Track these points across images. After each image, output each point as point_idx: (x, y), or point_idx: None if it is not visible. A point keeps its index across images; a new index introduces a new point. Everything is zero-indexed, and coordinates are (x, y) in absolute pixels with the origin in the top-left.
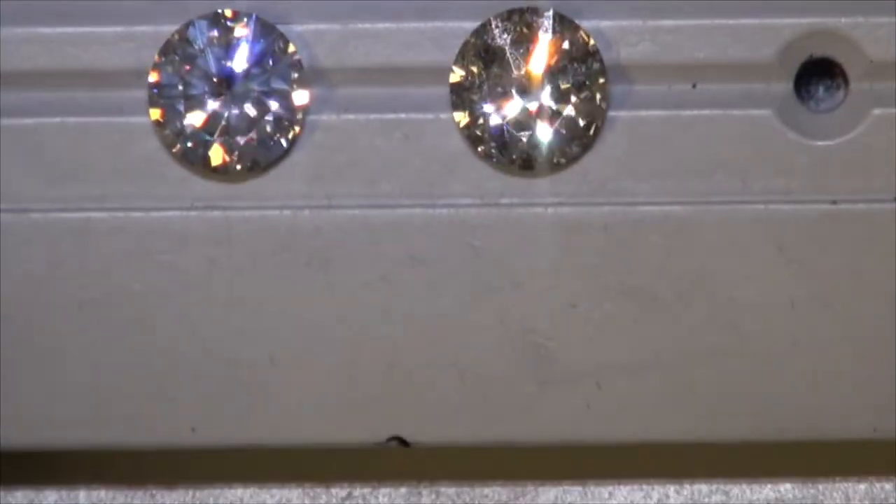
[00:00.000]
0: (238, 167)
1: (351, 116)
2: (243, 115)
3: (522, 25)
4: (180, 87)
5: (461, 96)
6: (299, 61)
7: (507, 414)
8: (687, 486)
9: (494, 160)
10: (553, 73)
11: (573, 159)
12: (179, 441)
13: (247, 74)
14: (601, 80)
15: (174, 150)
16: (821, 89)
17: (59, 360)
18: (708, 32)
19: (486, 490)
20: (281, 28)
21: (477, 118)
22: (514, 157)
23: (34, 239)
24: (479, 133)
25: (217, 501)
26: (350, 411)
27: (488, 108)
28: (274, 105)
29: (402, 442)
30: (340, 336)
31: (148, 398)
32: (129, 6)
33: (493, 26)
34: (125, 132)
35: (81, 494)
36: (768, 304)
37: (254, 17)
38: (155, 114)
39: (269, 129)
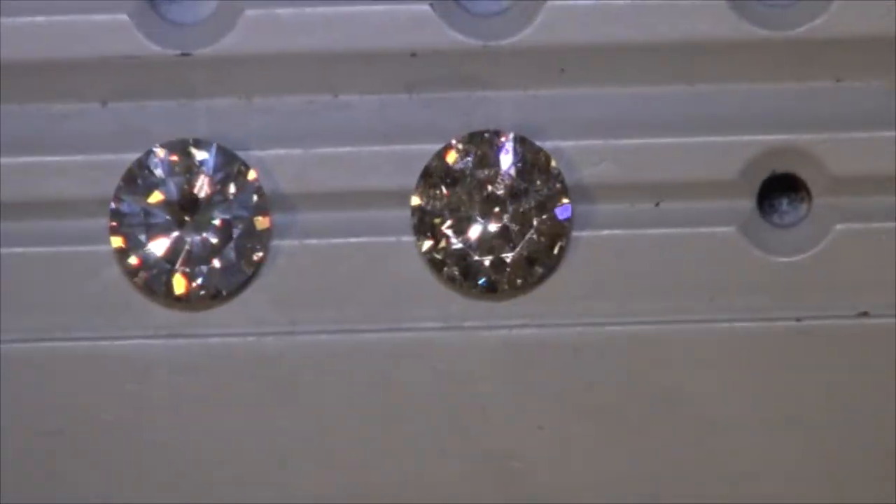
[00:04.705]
0: (201, 294)
1: (313, 241)
2: (205, 242)
3: (484, 147)
4: (142, 216)
5: (423, 220)
6: (260, 188)
7: None
8: None
9: (457, 284)
10: (515, 195)
11: (537, 281)
12: None
13: (208, 202)
14: (563, 201)
15: (136, 279)
16: (784, 202)
17: (26, 490)
18: (670, 151)
19: None
20: (241, 154)
21: (439, 241)
22: (477, 280)
23: None
24: (441, 257)
25: None
26: None
27: (450, 231)
28: (236, 232)
29: None
30: (307, 460)
31: None
32: (89, 135)
33: (455, 149)
34: (88, 261)
35: None
36: (737, 422)
37: (214, 144)
38: (117, 242)
39: (231, 256)
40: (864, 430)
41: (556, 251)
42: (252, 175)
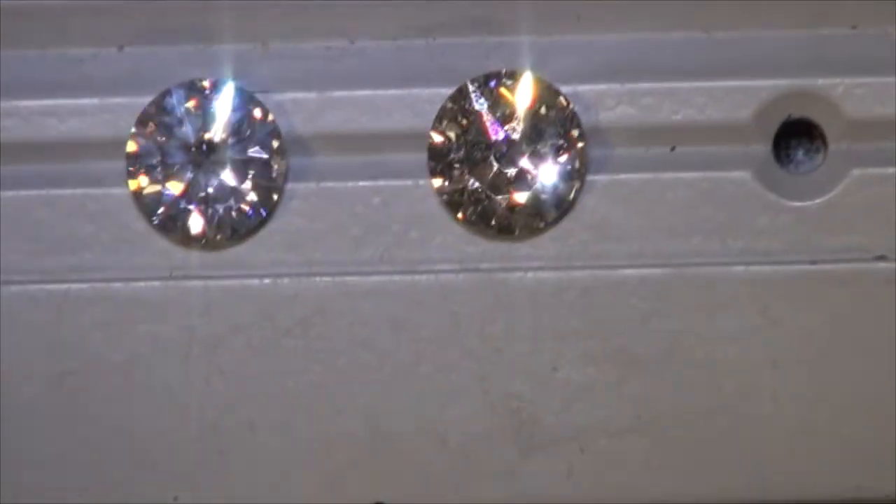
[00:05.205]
0: (217, 236)
1: (329, 184)
2: (222, 183)
3: (500, 89)
4: (158, 157)
5: (439, 162)
6: (277, 129)
7: (489, 478)
8: None
9: (473, 226)
10: (531, 137)
11: (552, 223)
12: None
13: (225, 143)
14: (579, 144)
15: (153, 220)
16: (800, 153)
17: (38, 430)
18: (685, 95)
19: None
20: (259, 96)
21: (455, 184)
22: (492, 222)
23: (13, 310)
24: (457, 198)
25: None
26: (332, 477)
27: (466, 173)
28: (252, 174)
29: None
30: (321, 402)
31: (129, 468)
32: (106, 77)
33: (470, 91)
34: (104, 203)
35: None
36: (750, 365)
37: (231, 85)
38: (133, 184)
39: (247, 197)
40: (879, 372)
41: (571, 194)
42: (269, 117)
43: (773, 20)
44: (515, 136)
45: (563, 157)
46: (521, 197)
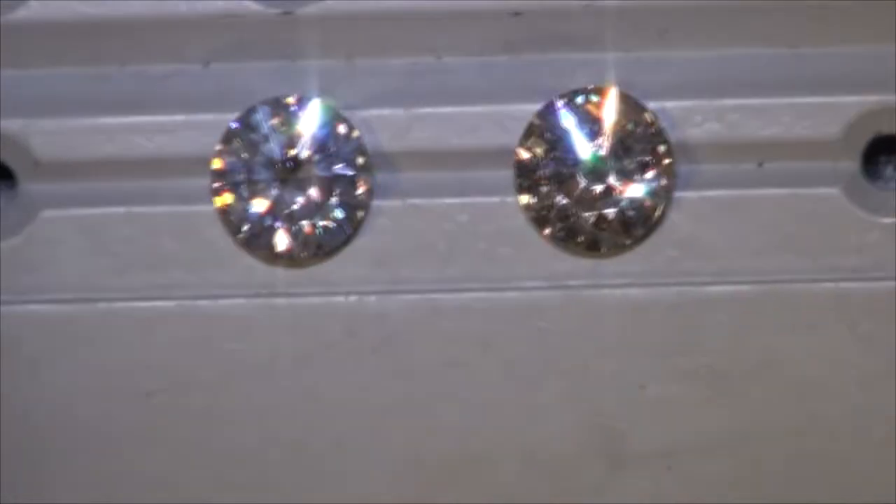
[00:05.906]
0: (303, 253)
1: (416, 200)
2: (308, 200)
3: (587, 106)
4: (244, 174)
5: (526, 178)
6: (363, 146)
7: (577, 495)
8: None
9: (561, 242)
10: (618, 154)
11: (639, 240)
12: None
13: (310, 160)
14: (666, 161)
15: (239, 237)
16: (889, 168)
17: (126, 448)
18: (773, 111)
19: None
20: (344, 113)
21: (542, 200)
22: (580, 238)
23: (101, 328)
24: (544, 215)
25: None
26: (419, 496)
27: (554, 189)
28: (338, 190)
29: None
30: (408, 421)
31: (216, 487)
32: (191, 93)
33: (558, 107)
34: (190, 220)
35: None
36: (838, 383)
37: (317, 102)
38: (219, 201)
39: (333, 214)
40: None
41: (658, 210)
42: (355, 133)
43: (859, 35)
44: (602, 152)
45: (650, 174)
46: (608, 213)
